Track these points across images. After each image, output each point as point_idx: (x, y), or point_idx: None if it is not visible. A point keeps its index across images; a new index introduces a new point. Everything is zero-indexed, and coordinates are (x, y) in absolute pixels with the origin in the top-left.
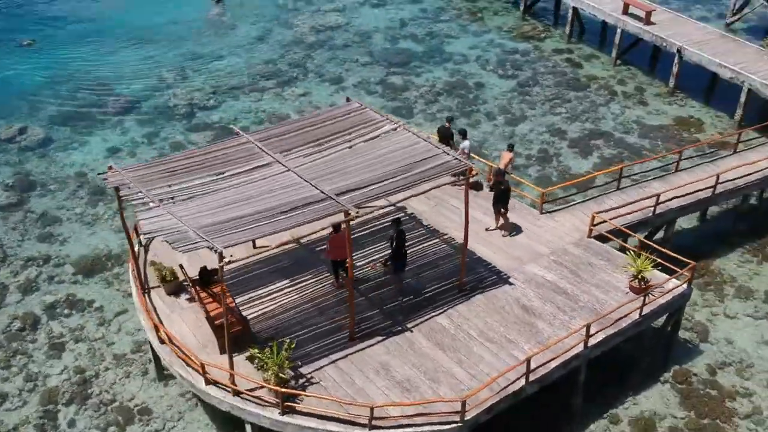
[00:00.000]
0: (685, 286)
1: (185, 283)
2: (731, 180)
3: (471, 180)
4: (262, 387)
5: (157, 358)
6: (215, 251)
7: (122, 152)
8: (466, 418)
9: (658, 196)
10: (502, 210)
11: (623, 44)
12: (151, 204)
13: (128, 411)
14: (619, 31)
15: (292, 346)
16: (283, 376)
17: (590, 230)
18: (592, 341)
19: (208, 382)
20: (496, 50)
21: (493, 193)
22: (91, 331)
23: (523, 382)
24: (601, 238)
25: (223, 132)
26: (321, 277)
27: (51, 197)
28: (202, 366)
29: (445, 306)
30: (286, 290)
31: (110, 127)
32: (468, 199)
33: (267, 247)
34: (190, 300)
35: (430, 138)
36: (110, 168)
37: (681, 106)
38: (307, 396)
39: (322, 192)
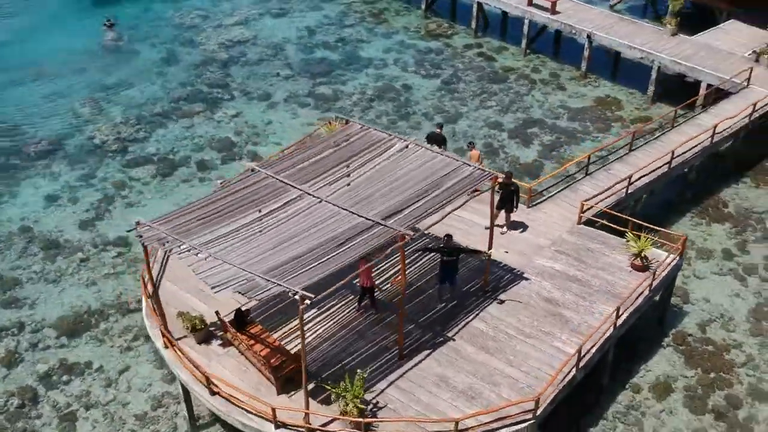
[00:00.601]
0: (678, 258)
1: (212, 329)
2: (681, 154)
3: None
4: (338, 419)
5: (190, 410)
6: (294, 295)
7: (62, 199)
8: (537, 414)
9: (630, 177)
10: (513, 210)
11: (531, 34)
12: (200, 254)
13: None
14: (526, 21)
15: (364, 375)
16: (361, 406)
17: (580, 217)
18: (618, 322)
19: (278, 425)
20: (410, 51)
21: (500, 194)
22: (100, 394)
23: (574, 371)
24: (589, 223)
25: (166, 164)
26: (346, 301)
27: (0, 259)
28: (273, 410)
29: (476, 309)
30: (317, 319)
31: (38, 174)
32: (492, 201)
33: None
34: (224, 346)
35: (444, 152)
36: (138, 223)
37: (596, 87)
38: (389, 421)
39: (368, 219)
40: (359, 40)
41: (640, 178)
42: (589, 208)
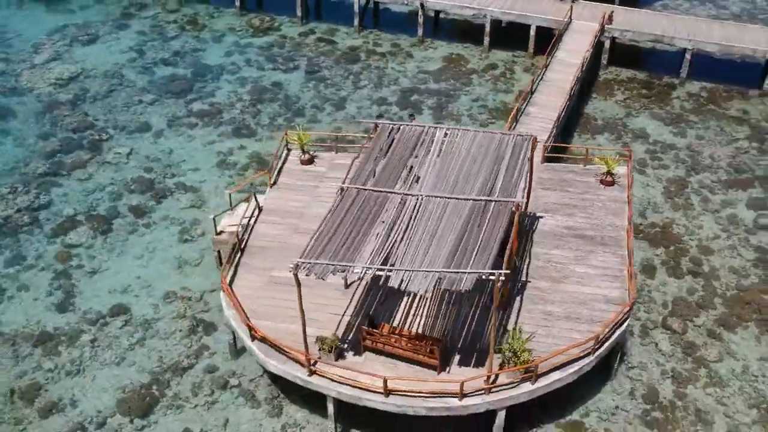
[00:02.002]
0: (627, 167)
1: (343, 345)
2: (571, 88)
3: None
4: (511, 370)
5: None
6: (499, 277)
7: (9, 290)
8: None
9: (559, 116)
10: None
11: (362, 12)
12: (380, 272)
13: None
14: (357, 1)
15: (520, 328)
16: (528, 355)
17: (543, 157)
18: (629, 227)
19: (463, 396)
20: (251, 50)
21: None
22: None
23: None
24: (547, 160)
25: (96, 221)
26: None
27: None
28: (462, 385)
29: (526, 255)
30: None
31: None
32: (532, 166)
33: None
34: (358, 354)
35: (478, 130)
36: (297, 266)
37: (436, 49)
38: (541, 360)
39: (477, 199)
40: (195, 50)
41: (559, 115)
42: (547, 146)
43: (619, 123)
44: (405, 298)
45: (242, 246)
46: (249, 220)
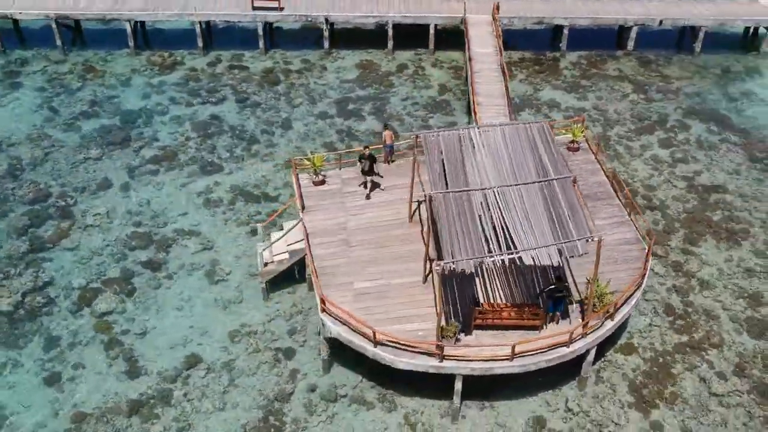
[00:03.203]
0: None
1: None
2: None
3: None
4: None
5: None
6: (596, 239)
7: (63, 378)
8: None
9: (509, 100)
10: None
11: (265, 34)
12: (511, 256)
13: None
14: (260, 24)
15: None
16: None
17: None
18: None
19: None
20: (170, 87)
21: None
22: None
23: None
24: None
25: (117, 286)
26: None
27: None
28: (570, 334)
29: None
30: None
31: None
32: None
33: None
34: (468, 333)
35: (501, 125)
36: (443, 266)
37: (345, 59)
38: (620, 299)
39: (540, 181)
40: (109, 98)
41: (508, 99)
42: None
43: (532, 98)
44: (477, 279)
45: (315, 270)
46: (305, 246)
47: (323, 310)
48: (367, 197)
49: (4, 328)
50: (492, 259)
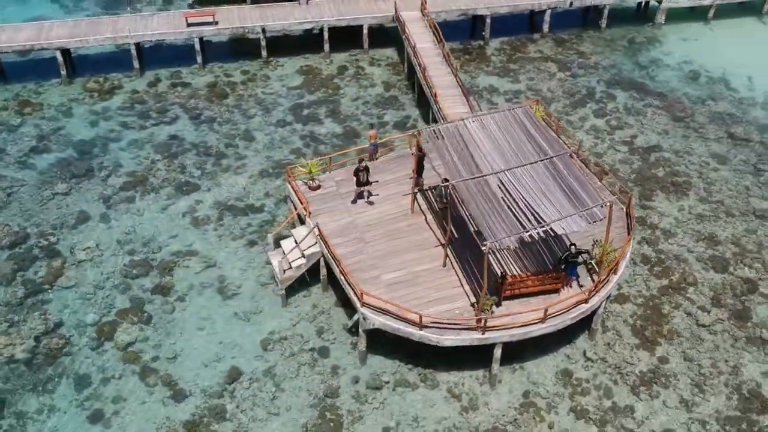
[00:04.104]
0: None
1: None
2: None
3: None
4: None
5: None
6: (612, 204)
7: (106, 415)
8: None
9: (464, 90)
10: None
11: (201, 49)
12: (544, 228)
13: None
14: (196, 40)
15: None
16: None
17: None
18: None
19: (588, 300)
20: (117, 113)
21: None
22: None
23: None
24: None
25: (121, 315)
26: None
27: None
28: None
29: None
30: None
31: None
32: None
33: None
34: (498, 306)
35: (489, 113)
36: (490, 246)
37: (284, 66)
38: (622, 255)
39: (544, 158)
40: (56, 130)
41: (463, 89)
42: None
43: (471, 86)
44: (492, 255)
45: (344, 269)
46: (323, 249)
47: (364, 304)
48: (370, 203)
49: (25, 375)
50: (529, 233)
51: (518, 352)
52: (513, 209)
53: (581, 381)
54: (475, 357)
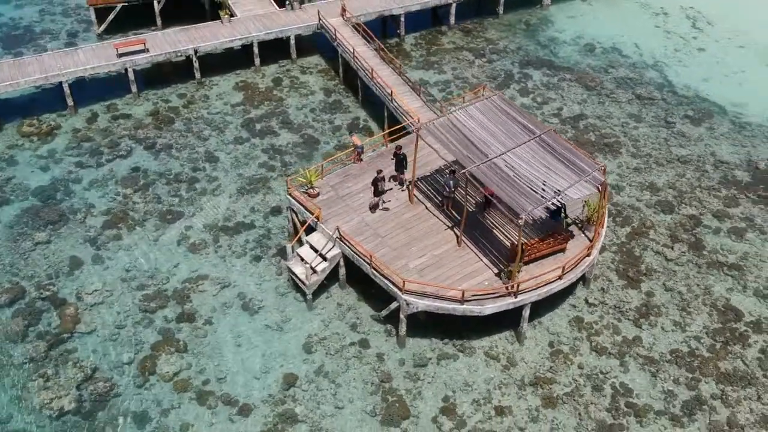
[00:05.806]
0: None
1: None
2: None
3: None
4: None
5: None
6: (605, 169)
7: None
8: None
9: (414, 86)
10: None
11: (136, 79)
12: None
13: None
14: (130, 70)
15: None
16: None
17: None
18: None
19: (589, 254)
20: (66, 154)
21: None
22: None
23: None
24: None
25: (156, 349)
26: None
27: None
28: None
29: None
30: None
31: None
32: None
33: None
34: (511, 277)
35: (471, 103)
36: (522, 218)
37: (219, 84)
38: (603, 215)
39: (533, 137)
40: (7, 180)
41: (413, 85)
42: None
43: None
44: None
45: (376, 265)
46: (348, 248)
47: (405, 291)
48: (386, 210)
49: (81, 424)
50: (551, 201)
51: (534, 310)
52: (528, 184)
53: (591, 324)
54: (498, 321)
